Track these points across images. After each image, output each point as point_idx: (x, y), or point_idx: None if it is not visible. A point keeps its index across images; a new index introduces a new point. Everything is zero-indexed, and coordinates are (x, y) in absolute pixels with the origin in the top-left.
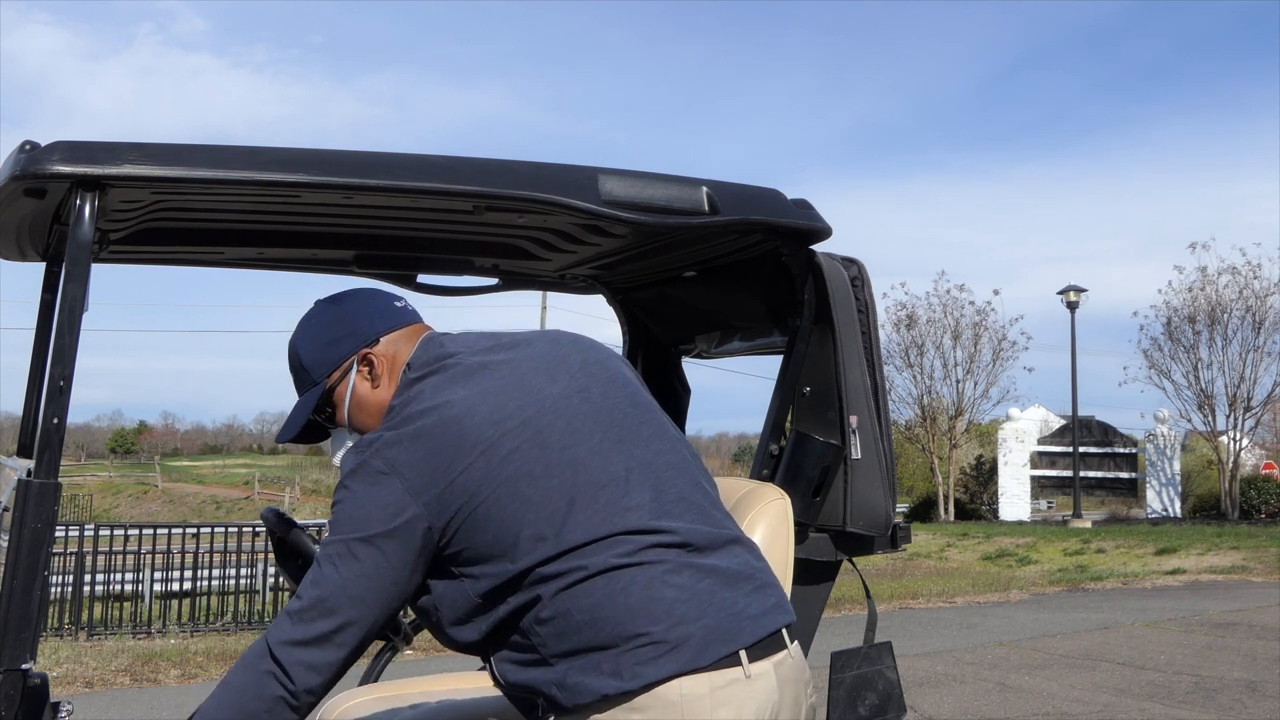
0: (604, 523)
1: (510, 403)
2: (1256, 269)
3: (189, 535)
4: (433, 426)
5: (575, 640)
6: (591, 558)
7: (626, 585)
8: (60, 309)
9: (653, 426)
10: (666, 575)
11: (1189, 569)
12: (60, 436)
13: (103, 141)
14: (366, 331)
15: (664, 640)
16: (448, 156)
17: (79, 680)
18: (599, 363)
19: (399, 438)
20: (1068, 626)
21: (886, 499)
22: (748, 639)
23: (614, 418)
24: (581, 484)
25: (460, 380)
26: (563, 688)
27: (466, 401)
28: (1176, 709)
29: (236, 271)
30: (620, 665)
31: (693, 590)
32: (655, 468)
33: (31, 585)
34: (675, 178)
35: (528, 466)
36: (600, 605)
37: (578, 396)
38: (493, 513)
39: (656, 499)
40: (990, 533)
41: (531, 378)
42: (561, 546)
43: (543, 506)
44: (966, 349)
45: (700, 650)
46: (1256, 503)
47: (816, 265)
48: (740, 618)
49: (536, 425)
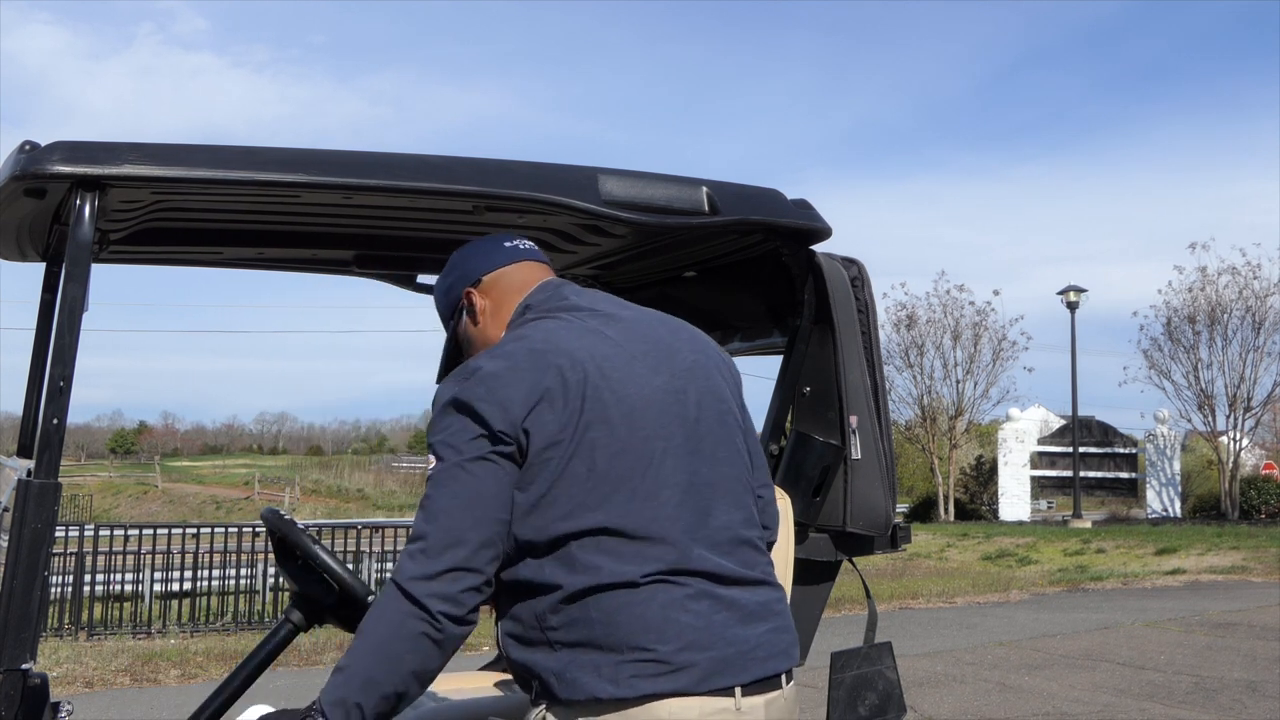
0: (651, 523)
1: (612, 373)
2: (1256, 269)
3: (189, 535)
4: (534, 365)
5: (582, 635)
6: (623, 563)
7: (646, 599)
8: (60, 309)
9: (728, 449)
10: (686, 600)
11: (1189, 569)
12: (60, 436)
13: (103, 141)
14: (471, 272)
15: (668, 661)
16: (447, 156)
17: (79, 680)
18: (705, 370)
19: (499, 368)
20: (1068, 626)
21: (886, 499)
22: (747, 677)
23: (698, 429)
24: (647, 477)
25: (573, 335)
26: (560, 679)
27: (573, 350)
28: (1176, 709)
29: (236, 271)
30: (619, 673)
31: (708, 620)
32: (714, 491)
33: (31, 585)
34: (675, 178)
35: (607, 438)
36: (617, 610)
37: (674, 396)
38: (560, 464)
39: (701, 522)
40: (990, 533)
41: (639, 362)
42: (604, 525)
43: (605, 479)
44: (966, 349)
45: (701, 679)
46: (1256, 503)
47: (816, 265)
48: (747, 656)
49: (629, 405)
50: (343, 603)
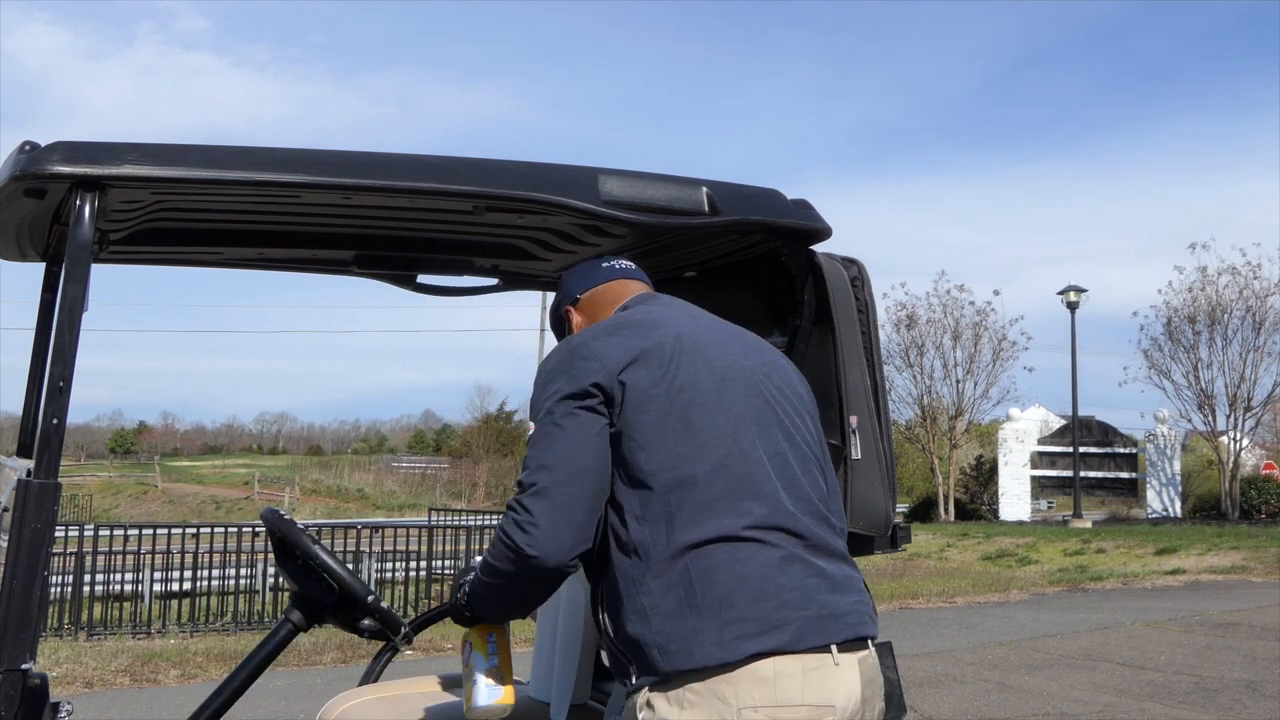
0: (745, 478)
1: (706, 347)
2: (1256, 269)
3: (189, 535)
4: (632, 327)
5: (683, 599)
6: (719, 516)
7: (745, 559)
8: (60, 309)
9: (809, 437)
10: (783, 562)
11: (1189, 569)
12: (60, 436)
13: (102, 142)
14: (570, 292)
15: (768, 620)
16: (447, 157)
17: (79, 680)
18: (789, 372)
19: (598, 333)
20: (1068, 626)
21: (886, 499)
22: (839, 636)
23: (785, 408)
24: (741, 436)
25: (670, 312)
26: (664, 651)
27: (670, 324)
28: (1176, 709)
29: (236, 271)
30: (723, 636)
31: (802, 583)
32: (800, 466)
33: (31, 585)
34: (675, 178)
35: (702, 397)
36: (717, 570)
37: (762, 377)
38: (657, 419)
39: (791, 490)
40: (990, 533)
41: (731, 343)
42: (698, 476)
43: (701, 434)
44: (966, 349)
45: (798, 637)
46: (1257, 503)
47: (816, 265)
48: (837, 619)
49: (721, 373)
50: (343, 603)
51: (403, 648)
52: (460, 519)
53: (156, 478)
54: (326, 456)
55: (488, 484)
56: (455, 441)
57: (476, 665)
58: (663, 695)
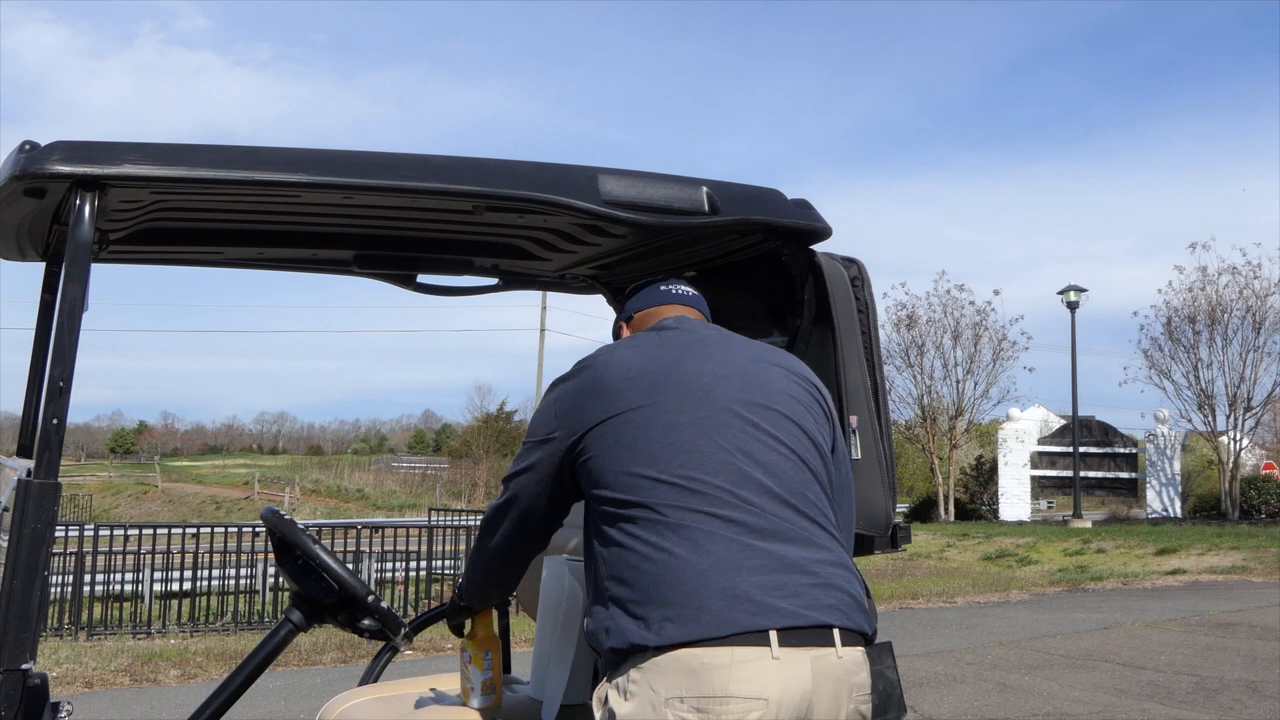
0: (689, 473)
1: (649, 366)
2: (1257, 269)
3: (189, 535)
4: (586, 374)
5: (624, 587)
6: (663, 509)
7: (675, 544)
8: (60, 309)
9: (787, 433)
10: (719, 546)
11: (1189, 569)
12: (60, 436)
13: (102, 141)
14: (626, 310)
15: (690, 603)
16: (447, 156)
17: (79, 680)
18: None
19: (564, 378)
20: (1068, 627)
21: (886, 499)
22: (778, 623)
23: (758, 412)
24: (691, 435)
25: (632, 345)
26: (609, 632)
27: (620, 360)
28: (1177, 709)
29: (236, 271)
30: (650, 618)
31: (736, 565)
32: (765, 459)
33: (31, 585)
34: (675, 178)
35: (641, 416)
36: (650, 556)
37: (738, 383)
38: (613, 437)
39: (744, 480)
40: (990, 533)
41: (708, 361)
42: (646, 475)
43: (651, 442)
44: (966, 349)
45: (720, 621)
46: (1257, 503)
47: (816, 265)
48: (778, 599)
49: (660, 386)
50: (343, 603)
51: (403, 648)
52: (460, 519)
53: (156, 478)
54: (326, 456)
55: (488, 484)
56: (455, 441)
57: (473, 677)
58: (614, 686)
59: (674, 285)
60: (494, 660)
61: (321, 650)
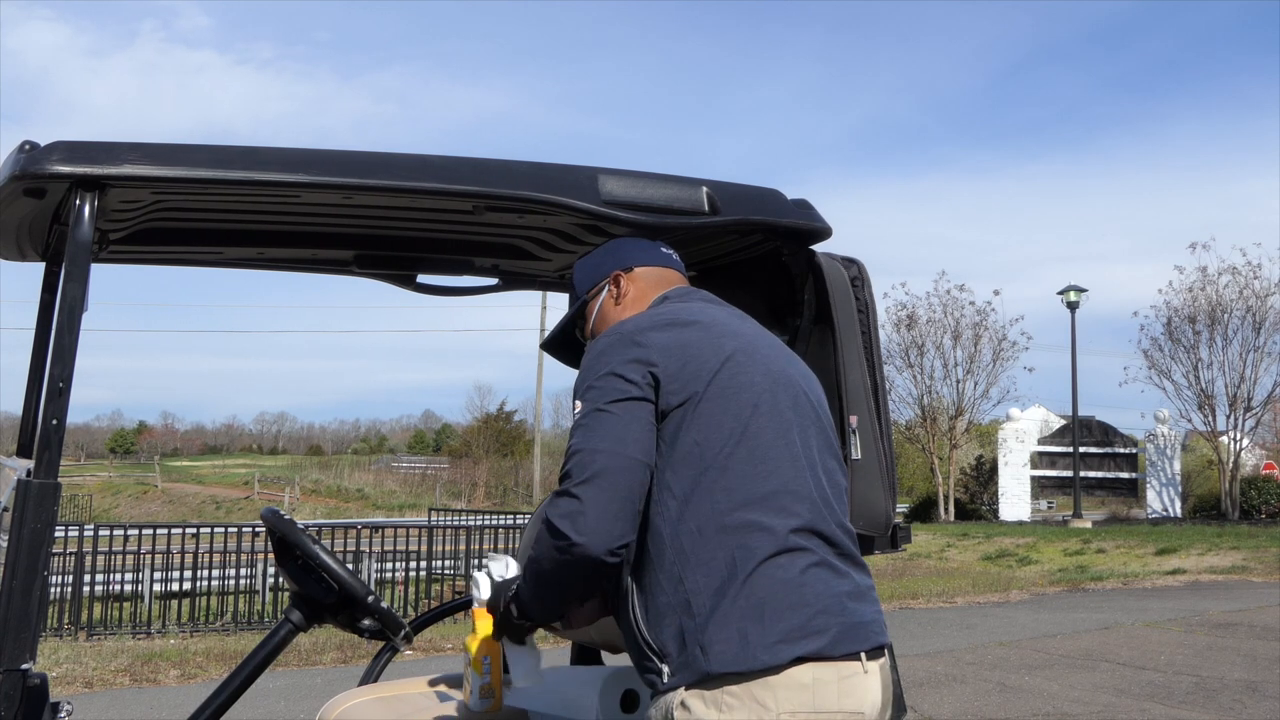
0: (790, 484)
1: (758, 350)
2: (1257, 269)
3: (189, 535)
4: (686, 324)
5: (725, 598)
6: (765, 516)
7: (786, 563)
8: (60, 309)
9: (835, 445)
10: (819, 568)
11: (1189, 569)
12: (60, 437)
13: (102, 141)
14: (626, 259)
15: (808, 626)
16: (447, 156)
17: (79, 680)
18: (814, 378)
19: (655, 324)
20: (1068, 627)
21: (886, 499)
22: (867, 644)
23: (824, 417)
24: (791, 441)
25: (721, 311)
26: (706, 651)
27: (722, 324)
28: (1177, 709)
29: (236, 271)
30: (766, 639)
31: (835, 590)
32: (830, 477)
33: (31, 585)
34: (675, 178)
35: (758, 399)
36: (760, 571)
37: (804, 383)
38: (709, 416)
39: (827, 498)
40: (990, 533)
41: (778, 350)
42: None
43: (754, 437)
44: (966, 349)
45: (834, 643)
46: (1257, 503)
47: (816, 265)
48: (864, 626)
49: (775, 378)
50: (343, 603)
51: (403, 648)
52: (460, 519)
53: (156, 478)
54: (326, 456)
55: (487, 484)
56: (455, 441)
57: (472, 680)
58: (699, 696)
59: (669, 249)
60: (493, 664)
61: (321, 650)
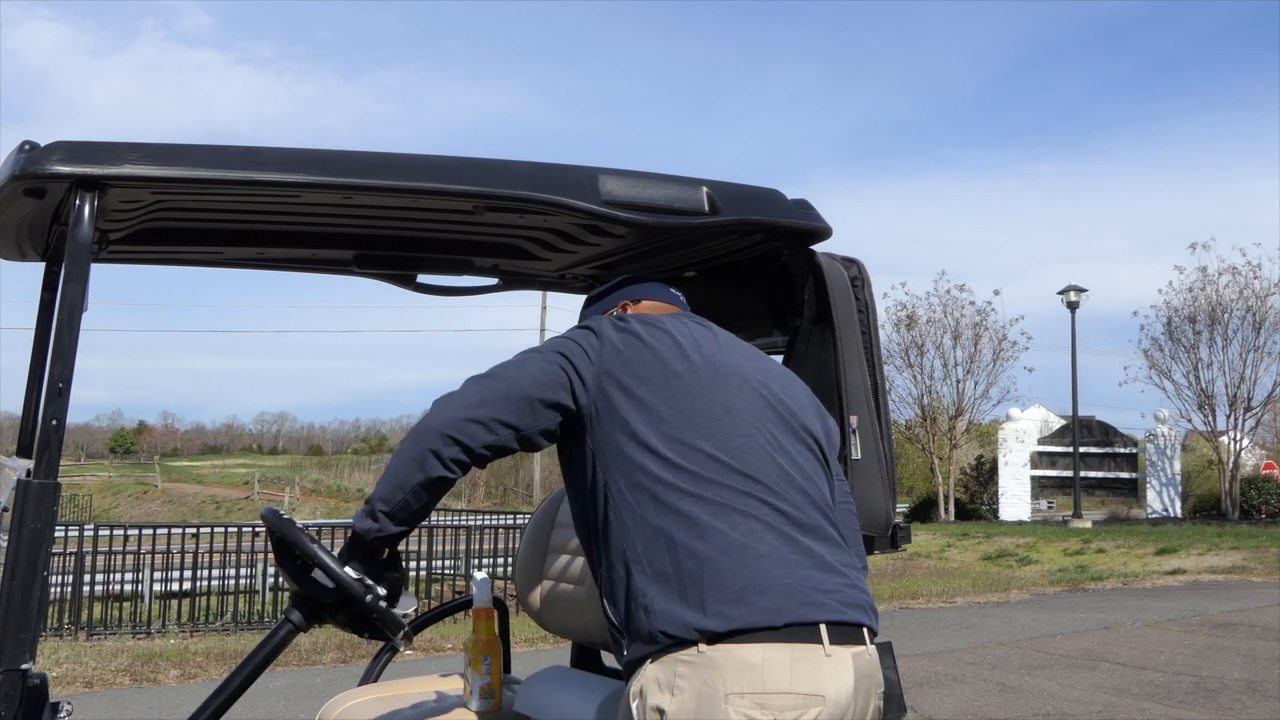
0: (737, 457)
1: (706, 344)
2: (1257, 269)
3: (189, 535)
4: (655, 325)
5: (668, 563)
6: (709, 488)
7: (729, 527)
8: (60, 309)
9: (815, 437)
10: (766, 532)
11: (1189, 569)
12: (60, 437)
13: (102, 141)
14: (635, 294)
15: (749, 586)
16: (447, 156)
17: (79, 680)
18: (785, 375)
19: (615, 324)
20: (1068, 626)
21: (886, 499)
22: (825, 615)
23: (788, 407)
24: (736, 418)
25: (680, 322)
26: (649, 612)
27: (679, 329)
28: (1177, 709)
29: (236, 271)
30: (705, 602)
31: (784, 556)
32: (802, 460)
33: (31, 585)
34: (675, 178)
35: (701, 385)
36: (701, 535)
37: (761, 376)
38: (653, 398)
39: (786, 476)
40: (990, 533)
41: (738, 353)
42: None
43: (697, 415)
44: (966, 349)
45: (778, 606)
46: (1257, 503)
47: (816, 265)
48: (823, 594)
49: (718, 367)
50: (342, 603)
51: (403, 648)
52: (460, 519)
53: (156, 478)
54: (326, 456)
55: (487, 484)
56: None
57: (472, 681)
58: (654, 681)
59: (679, 293)
60: (493, 665)
61: (321, 650)
